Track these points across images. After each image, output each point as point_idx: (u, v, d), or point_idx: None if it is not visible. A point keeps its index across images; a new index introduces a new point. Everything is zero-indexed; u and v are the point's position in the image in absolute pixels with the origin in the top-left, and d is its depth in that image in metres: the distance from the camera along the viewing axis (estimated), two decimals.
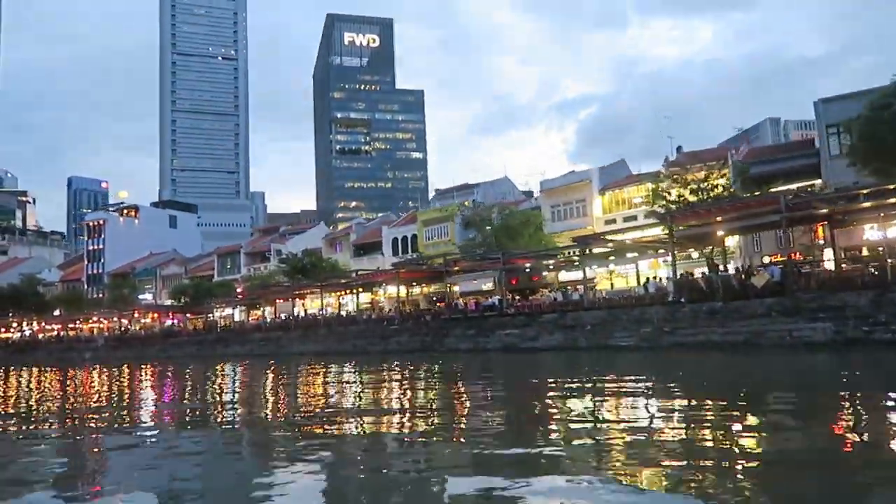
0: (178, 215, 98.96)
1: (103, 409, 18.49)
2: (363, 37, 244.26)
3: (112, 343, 65.74)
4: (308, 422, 13.73)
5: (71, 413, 18.21)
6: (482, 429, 11.27)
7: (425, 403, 15.88)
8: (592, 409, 12.74)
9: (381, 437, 11.49)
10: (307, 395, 19.49)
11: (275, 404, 18.09)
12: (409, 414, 14.12)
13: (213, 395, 21.30)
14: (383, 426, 12.54)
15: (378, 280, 45.74)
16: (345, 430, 12.29)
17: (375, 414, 14.49)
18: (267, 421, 14.65)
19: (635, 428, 10.26)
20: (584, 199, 46.05)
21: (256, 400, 19.45)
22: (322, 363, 34.07)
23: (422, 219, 57.98)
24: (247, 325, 56.50)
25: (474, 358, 30.65)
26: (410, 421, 13.11)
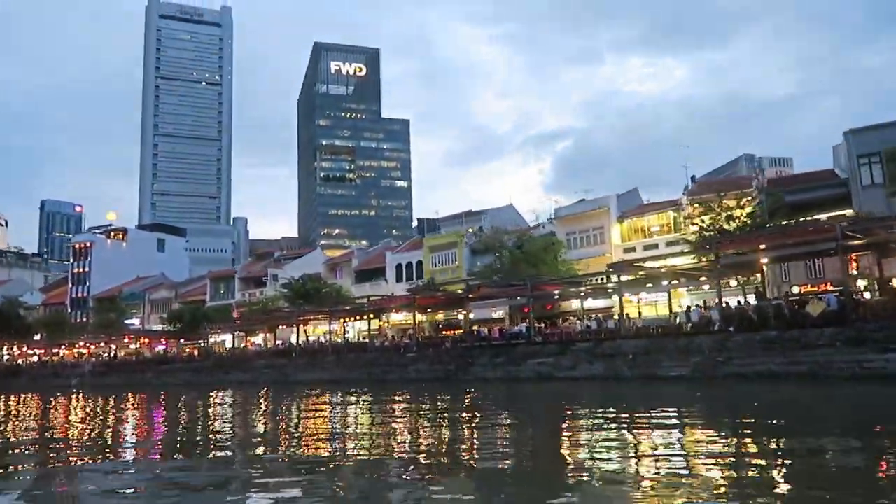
0: (167, 238, 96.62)
1: (93, 447, 16.91)
2: (350, 66, 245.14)
3: (100, 369, 63.17)
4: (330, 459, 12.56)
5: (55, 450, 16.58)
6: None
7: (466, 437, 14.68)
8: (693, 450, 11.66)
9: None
10: (328, 430, 18.06)
11: (291, 437, 16.78)
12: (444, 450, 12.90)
13: (232, 428, 19.82)
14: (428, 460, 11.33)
15: (391, 306, 44.37)
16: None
17: (415, 450, 13.26)
18: (275, 456, 13.48)
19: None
20: (602, 226, 45.43)
21: (275, 433, 18.03)
22: (338, 392, 32.59)
23: (428, 245, 56.89)
24: (248, 352, 54.52)
25: (508, 388, 29.43)
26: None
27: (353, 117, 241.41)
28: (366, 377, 39.44)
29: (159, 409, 31.02)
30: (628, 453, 11.46)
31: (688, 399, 20.78)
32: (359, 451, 13.75)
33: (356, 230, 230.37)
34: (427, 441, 14.75)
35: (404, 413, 21.87)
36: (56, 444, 17.74)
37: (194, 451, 15.19)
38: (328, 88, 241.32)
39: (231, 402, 31.95)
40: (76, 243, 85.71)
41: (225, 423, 21.83)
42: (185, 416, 26.12)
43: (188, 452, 15.05)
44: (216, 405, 30.75)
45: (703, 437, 13.05)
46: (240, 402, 31.55)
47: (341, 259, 66.39)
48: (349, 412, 23.26)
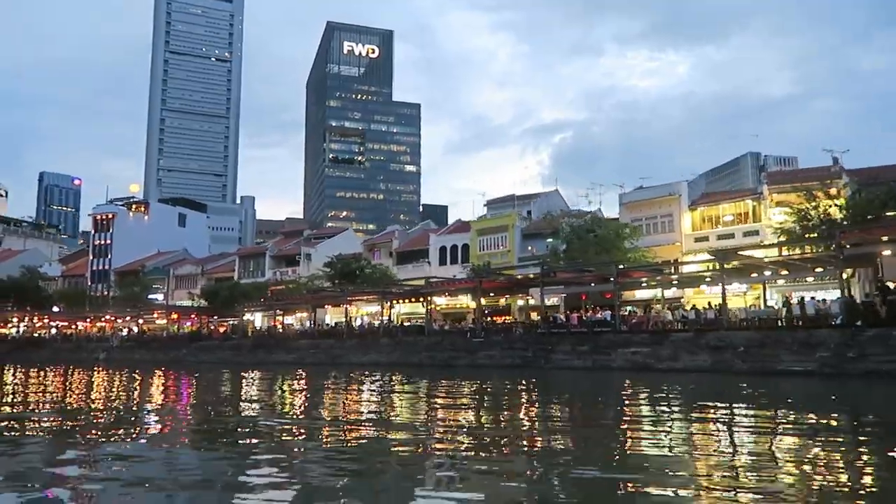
0: (188, 214, 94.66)
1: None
2: (362, 47, 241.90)
3: (128, 344, 61.49)
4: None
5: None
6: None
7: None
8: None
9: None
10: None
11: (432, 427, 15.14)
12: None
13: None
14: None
15: (452, 289, 42.74)
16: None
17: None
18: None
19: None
20: (671, 214, 43.85)
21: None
22: (410, 377, 31.05)
23: (476, 228, 55.20)
24: (290, 331, 52.88)
25: (602, 377, 27.94)
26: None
27: (364, 99, 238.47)
28: (428, 361, 37.92)
29: (211, 387, 29.46)
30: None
31: (823, 398, 19.28)
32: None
33: (363, 213, 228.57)
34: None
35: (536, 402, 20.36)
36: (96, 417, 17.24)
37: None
38: (339, 69, 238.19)
39: (296, 384, 30.38)
40: (97, 214, 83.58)
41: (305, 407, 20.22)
42: (250, 395, 24.54)
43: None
44: (287, 387, 29.19)
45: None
46: (311, 384, 29.98)
47: (380, 240, 64.64)
48: (464, 404, 21.66)
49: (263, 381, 31.66)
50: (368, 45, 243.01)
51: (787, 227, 32.65)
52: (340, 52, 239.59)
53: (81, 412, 19.56)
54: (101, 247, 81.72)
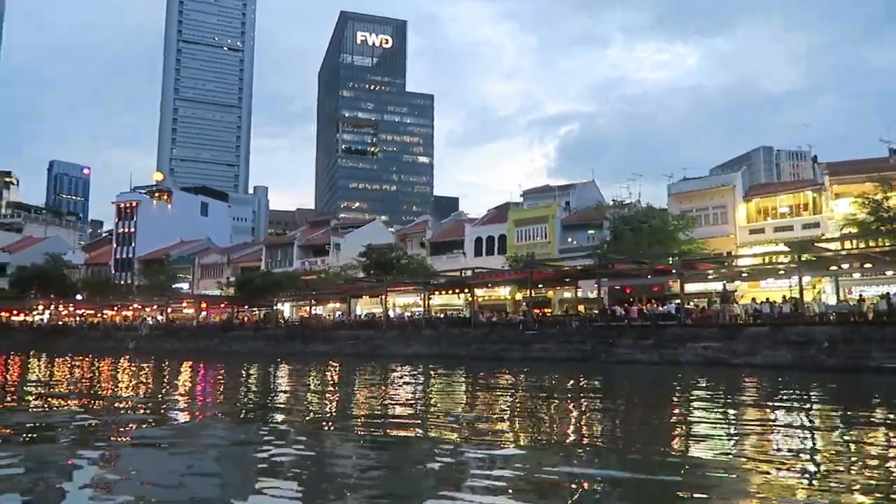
0: (210, 203, 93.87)
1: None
2: (376, 37, 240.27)
3: (157, 333, 60.77)
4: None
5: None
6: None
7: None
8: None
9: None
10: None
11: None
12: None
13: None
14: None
15: (500, 280, 41.78)
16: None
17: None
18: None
19: None
20: (725, 205, 42.72)
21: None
22: (464, 370, 30.19)
23: (514, 218, 54.20)
24: (326, 322, 52.07)
25: (674, 372, 26.95)
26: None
27: (377, 90, 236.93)
28: (477, 353, 37.04)
29: (265, 379, 28.68)
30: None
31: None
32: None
33: (376, 204, 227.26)
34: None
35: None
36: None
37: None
38: (353, 59, 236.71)
39: (362, 376, 29.53)
40: (121, 202, 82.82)
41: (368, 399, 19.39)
42: (296, 387, 23.73)
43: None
44: (361, 378, 28.37)
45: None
46: (374, 376, 29.14)
47: (413, 230, 63.70)
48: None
49: (317, 372, 30.86)
50: (382, 36, 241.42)
51: (858, 219, 31.55)
52: (354, 42, 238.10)
53: (157, 403, 18.84)
54: (124, 235, 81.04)
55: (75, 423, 14.81)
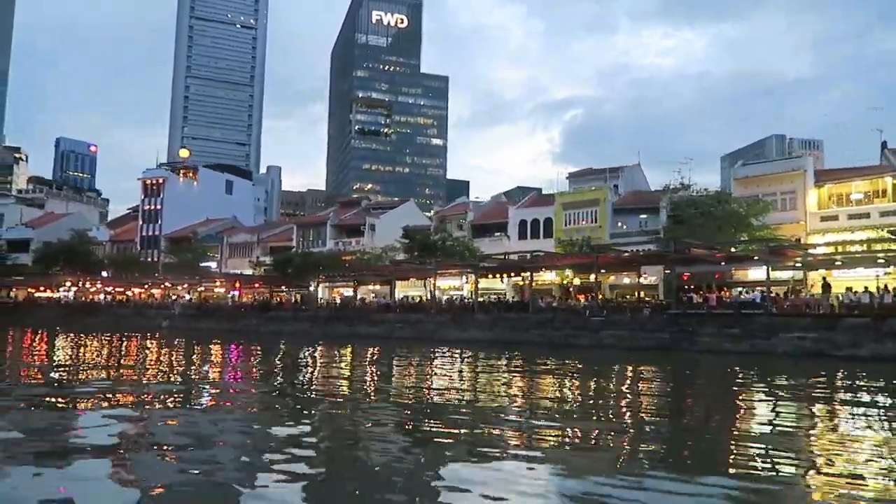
0: (235, 181, 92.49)
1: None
2: (391, 16, 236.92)
3: (190, 312, 59.66)
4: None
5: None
6: None
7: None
8: None
9: None
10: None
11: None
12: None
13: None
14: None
15: (562, 264, 40.37)
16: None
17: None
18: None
19: None
20: (794, 190, 41.22)
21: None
22: (547, 357, 28.98)
23: (561, 201, 52.72)
24: (370, 304, 50.85)
25: (775, 363, 25.68)
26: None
27: (391, 70, 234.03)
28: (538, 339, 35.79)
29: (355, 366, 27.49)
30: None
31: None
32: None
33: (389, 186, 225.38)
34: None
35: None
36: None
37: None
38: (367, 38, 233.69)
39: (442, 365, 28.32)
40: (147, 179, 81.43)
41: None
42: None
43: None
44: (435, 368, 27.16)
45: None
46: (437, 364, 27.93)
47: (453, 212, 62.21)
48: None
49: (377, 356, 29.66)
50: (397, 15, 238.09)
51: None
52: (369, 21, 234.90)
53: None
54: (150, 212, 79.76)
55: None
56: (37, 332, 48.36)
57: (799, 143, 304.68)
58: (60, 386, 18.25)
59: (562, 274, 49.93)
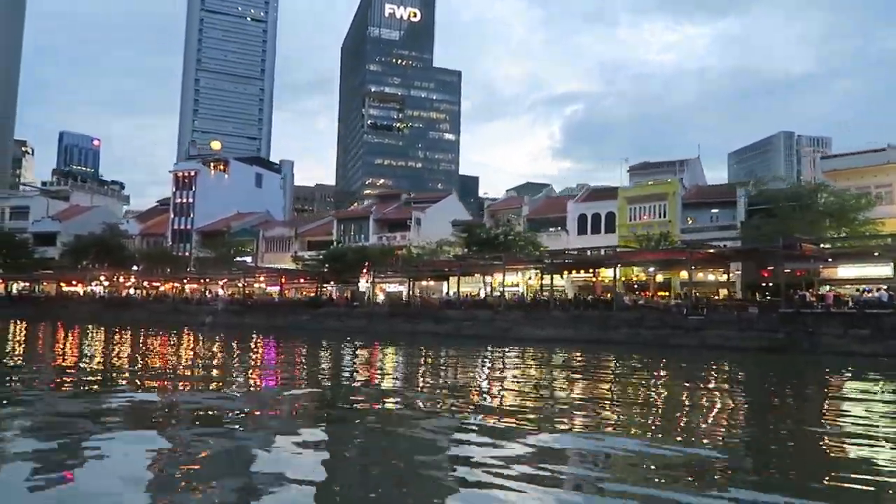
0: (264, 174, 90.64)
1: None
2: (404, 10, 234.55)
3: (233, 308, 57.87)
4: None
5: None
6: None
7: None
8: None
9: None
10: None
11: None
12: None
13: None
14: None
15: (646, 259, 38.53)
16: None
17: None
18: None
19: None
20: (891, 183, 39.43)
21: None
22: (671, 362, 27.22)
23: (625, 195, 50.93)
24: (432, 300, 49.08)
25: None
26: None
27: (404, 64, 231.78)
28: (629, 338, 34.03)
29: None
30: None
31: None
32: None
33: (401, 181, 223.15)
34: None
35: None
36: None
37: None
38: (380, 32, 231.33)
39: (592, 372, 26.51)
40: (178, 172, 79.57)
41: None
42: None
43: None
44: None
45: None
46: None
47: (506, 206, 60.34)
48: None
49: (457, 356, 27.84)
50: (411, 9, 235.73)
51: None
52: (382, 14, 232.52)
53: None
54: (182, 205, 77.85)
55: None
56: (74, 328, 46.63)
57: (807, 140, 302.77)
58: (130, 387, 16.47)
59: (626, 271, 48.28)
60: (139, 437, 10.58)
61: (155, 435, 10.70)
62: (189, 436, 10.70)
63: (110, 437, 10.34)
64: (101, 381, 18.56)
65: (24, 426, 11.34)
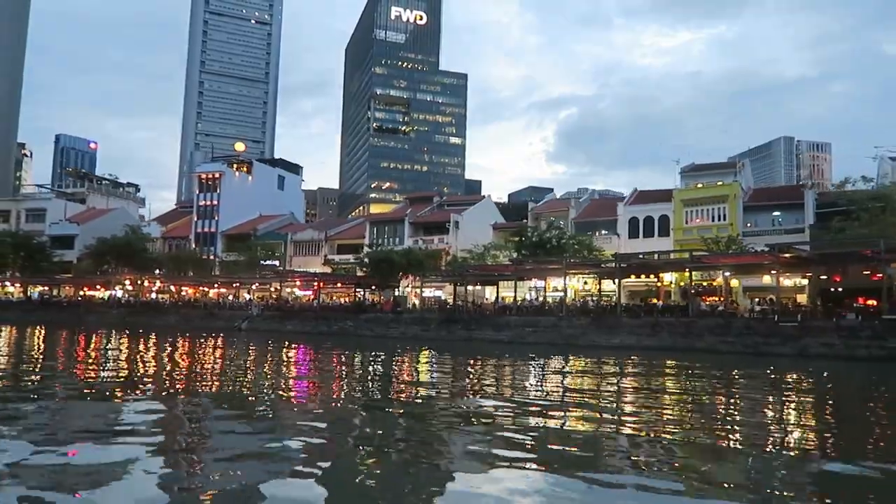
0: (287, 176, 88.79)
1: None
2: (410, 12, 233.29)
3: (270, 313, 56.04)
4: None
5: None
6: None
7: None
8: None
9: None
10: None
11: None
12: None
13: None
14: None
15: (727, 263, 36.88)
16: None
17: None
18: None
19: None
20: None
21: None
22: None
23: (681, 198, 49.40)
24: (486, 306, 47.38)
25: None
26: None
27: (410, 67, 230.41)
28: (715, 347, 32.47)
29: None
30: None
31: None
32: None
33: (406, 185, 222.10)
34: None
35: None
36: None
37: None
38: (386, 35, 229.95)
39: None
40: (203, 174, 77.64)
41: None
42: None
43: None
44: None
45: None
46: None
47: (552, 209, 58.64)
48: None
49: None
50: (417, 12, 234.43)
51: None
52: (388, 17, 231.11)
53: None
54: (206, 208, 75.91)
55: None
56: (113, 333, 44.75)
57: (807, 146, 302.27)
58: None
59: (683, 276, 46.64)
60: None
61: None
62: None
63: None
64: (178, 388, 16.84)
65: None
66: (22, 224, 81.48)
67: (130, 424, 12.02)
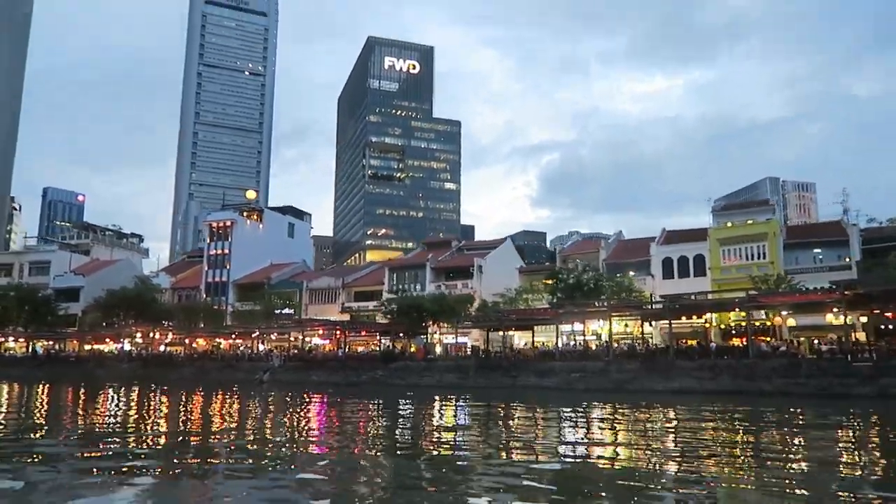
0: (296, 223, 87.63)
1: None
2: (403, 62, 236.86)
3: (292, 363, 54.07)
4: None
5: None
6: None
7: None
8: None
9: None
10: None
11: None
12: None
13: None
14: None
15: (782, 302, 35.79)
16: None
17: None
18: None
19: None
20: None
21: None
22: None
23: (717, 237, 48.60)
24: (525, 351, 45.84)
25: None
26: None
27: (404, 115, 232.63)
28: (785, 389, 31.10)
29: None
30: None
31: None
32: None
33: (402, 231, 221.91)
34: None
35: None
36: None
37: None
38: (380, 84, 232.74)
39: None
40: (214, 222, 76.23)
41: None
42: None
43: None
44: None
45: None
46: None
47: (580, 251, 57.60)
48: None
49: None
50: (409, 61, 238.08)
51: None
52: (381, 67, 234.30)
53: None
54: (217, 257, 74.31)
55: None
56: (135, 390, 42.65)
57: (792, 185, 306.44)
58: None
59: (724, 316, 45.45)
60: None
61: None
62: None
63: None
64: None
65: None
66: (25, 277, 79.31)
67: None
